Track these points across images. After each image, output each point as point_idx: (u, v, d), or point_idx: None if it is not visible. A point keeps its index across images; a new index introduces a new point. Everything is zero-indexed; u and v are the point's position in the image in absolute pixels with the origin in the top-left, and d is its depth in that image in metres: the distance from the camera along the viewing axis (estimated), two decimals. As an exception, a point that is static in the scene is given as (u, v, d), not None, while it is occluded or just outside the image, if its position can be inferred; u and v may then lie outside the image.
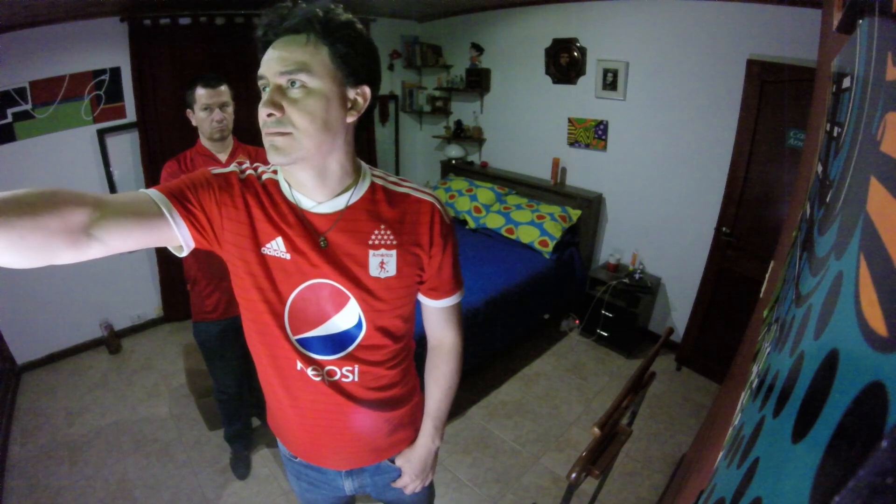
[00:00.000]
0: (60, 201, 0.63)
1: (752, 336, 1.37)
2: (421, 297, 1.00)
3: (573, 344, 3.30)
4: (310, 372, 0.91)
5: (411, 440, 1.09)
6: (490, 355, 2.93)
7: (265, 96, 0.74)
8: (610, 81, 3.03)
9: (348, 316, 0.89)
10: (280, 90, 0.74)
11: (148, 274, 3.33)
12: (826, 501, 0.21)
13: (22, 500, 2.09)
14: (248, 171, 0.88)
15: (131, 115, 2.97)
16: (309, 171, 0.81)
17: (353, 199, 0.86)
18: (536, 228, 3.24)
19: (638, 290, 3.01)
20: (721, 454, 0.76)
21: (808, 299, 0.50)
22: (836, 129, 0.67)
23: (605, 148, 3.23)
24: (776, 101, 2.35)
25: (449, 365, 1.05)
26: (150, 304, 3.41)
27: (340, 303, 0.88)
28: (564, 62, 3.26)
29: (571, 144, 3.40)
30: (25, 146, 2.67)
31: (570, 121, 3.35)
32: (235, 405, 2.17)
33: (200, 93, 1.69)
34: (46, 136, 2.72)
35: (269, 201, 0.85)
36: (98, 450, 2.36)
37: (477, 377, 2.89)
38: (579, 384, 2.90)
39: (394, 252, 0.87)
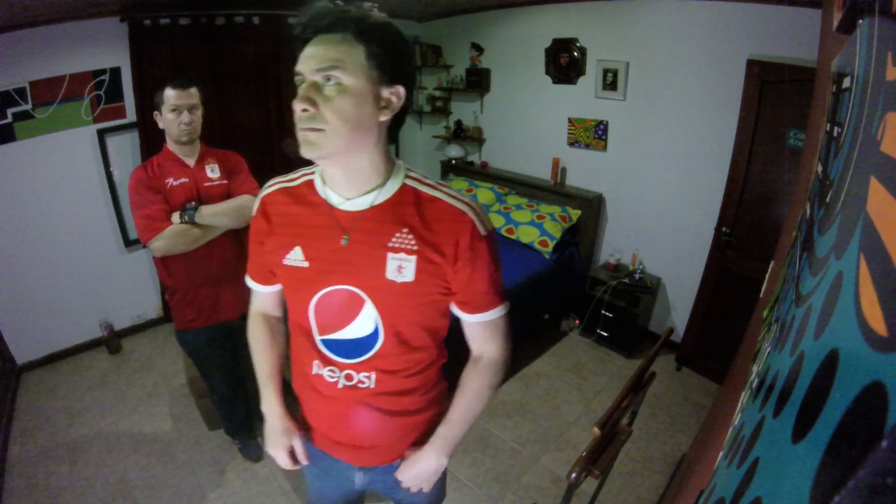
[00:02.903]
0: (280, 331, 1.10)
1: (752, 336, 1.37)
2: (454, 309, 0.95)
3: (573, 344, 3.30)
4: (326, 372, 0.94)
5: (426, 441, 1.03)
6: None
7: (300, 92, 0.76)
8: (610, 81, 3.03)
9: (365, 321, 0.89)
10: (315, 87, 0.76)
11: (148, 274, 3.33)
12: (826, 501, 0.21)
13: (22, 500, 2.09)
14: (271, 187, 0.96)
15: (131, 115, 2.97)
16: (339, 167, 0.84)
17: (380, 199, 0.85)
18: (536, 228, 3.24)
19: (638, 290, 3.01)
20: (721, 454, 0.76)
21: (808, 299, 0.50)
22: (836, 129, 0.67)
23: (605, 148, 3.23)
24: (776, 101, 2.35)
25: (481, 379, 0.98)
26: (150, 304, 3.41)
27: (356, 308, 0.88)
28: (564, 62, 3.26)
29: (571, 144, 3.40)
30: (25, 146, 2.67)
31: (570, 121, 3.35)
32: (231, 406, 2.18)
33: (170, 94, 1.64)
34: (46, 136, 2.72)
35: (294, 202, 0.91)
36: (98, 450, 2.36)
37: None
38: (579, 384, 2.90)
39: (413, 258, 0.84)
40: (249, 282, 1.05)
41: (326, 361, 0.93)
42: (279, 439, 1.03)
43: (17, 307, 2.85)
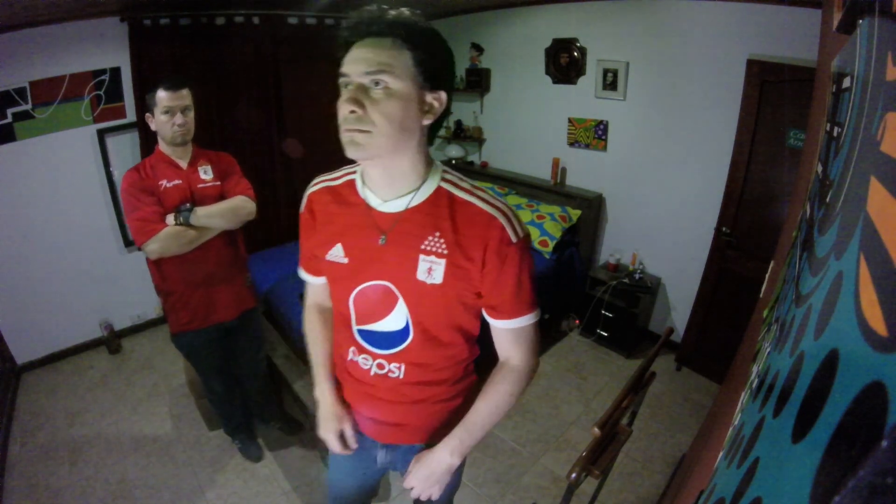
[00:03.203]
0: (329, 319, 1.13)
1: (752, 336, 1.37)
2: (484, 314, 0.97)
3: (573, 344, 3.30)
4: (361, 359, 1.01)
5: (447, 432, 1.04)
6: (490, 355, 2.92)
7: (347, 94, 0.78)
8: (610, 81, 3.03)
9: (398, 317, 0.94)
10: (363, 89, 0.77)
11: (148, 274, 3.32)
12: (826, 501, 0.21)
13: (22, 500, 2.09)
14: (317, 185, 1.00)
15: (131, 116, 2.97)
16: (381, 168, 0.86)
17: (415, 202, 0.88)
18: (536, 228, 3.24)
19: (638, 290, 3.01)
20: (721, 454, 0.76)
21: (808, 299, 0.50)
22: (836, 129, 0.67)
23: (605, 148, 3.22)
24: (776, 101, 2.35)
25: (502, 385, 0.98)
26: (150, 304, 3.41)
27: (391, 303, 0.93)
28: (564, 62, 3.25)
29: (571, 144, 3.40)
30: (25, 146, 2.67)
31: (570, 121, 3.35)
32: (227, 405, 2.19)
33: (162, 95, 1.63)
34: (46, 137, 2.72)
35: (336, 200, 0.95)
36: (98, 450, 2.36)
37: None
38: (579, 384, 2.90)
39: (443, 261, 0.87)
40: (302, 273, 1.12)
41: (361, 350, 1.00)
42: (331, 424, 1.09)
43: (17, 307, 2.85)
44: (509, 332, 0.96)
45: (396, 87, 0.77)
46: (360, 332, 0.98)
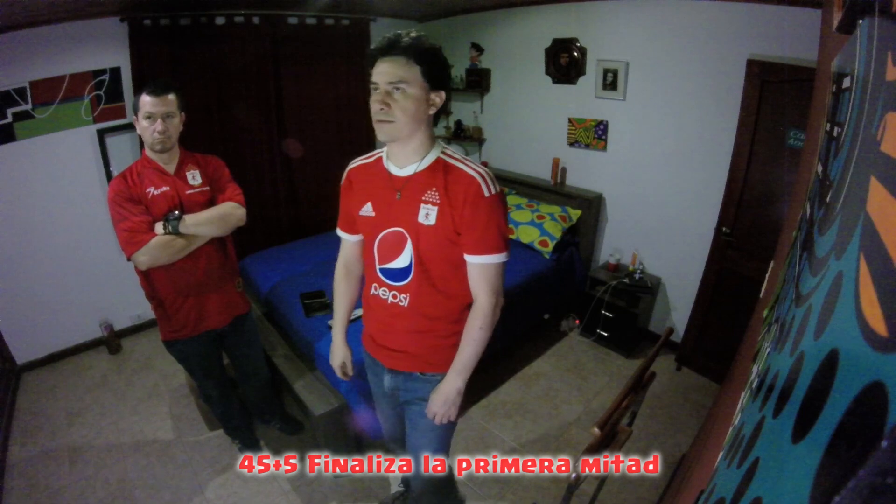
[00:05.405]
0: (356, 276, 1.51)
1: (752, 336, 1.37)
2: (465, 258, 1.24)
3: (573, 344, 3.30)
4: (381, 292, 1.33)
5: (442, 368, 1.34)
6: (490, 355, 2.92)
7: (377, 96, 1.12)
8: (610, 81, 3.03)
9: (406, 255, 1.25)
10: (388, 92, 1.12)
11: (148, 274, 3.33)
12: (826, 501, 0.21)
13: (22, 500, 2.09)
14: (354, 164, 1.37)
15: (131, 116, 2.96)
16: (400, 145, 1.20)
17: (420, 168, 1.22)
18: (536, 228, 3.24)
19: (638, 290, 3.01)
20: (721, 454, 0.76)
21: (808, 299, 0.50)
22: (836, 129, 0.67)
23: (605, 148, 3.22)
24: (776, 101, 2.35)
25: (474, 321, 1.26)
26: (149, 304, 3.40)
27: (401, 244, 1.25)
28: (564, 62, 3.26)
29: (571, 144, 3.40)
30: (25, 146, 2.67)
31: (570, 121, 3.35)
32: (224, 408, 2.19)
33: (145, 100, 1.58)
34: (46, 136, 2.72)
35: (368, 173, 1.31)
36: (98, 450, 2.37)
37: (477, 377, 2.86)
38: (579, 384, 2.90)
39: (436, 208, 1.19)
40: (339, 232, 1.46)
41: (381, 284, 1.32)
42: (337, 358, 1.56)
43: (17, 307, 2.85)
44: (476, 268, 1.23)
45: (410, 91, 1.11)
46: (381, 270, 1.30)
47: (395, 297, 1.30)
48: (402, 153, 1.22)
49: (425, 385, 1.39)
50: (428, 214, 1.19)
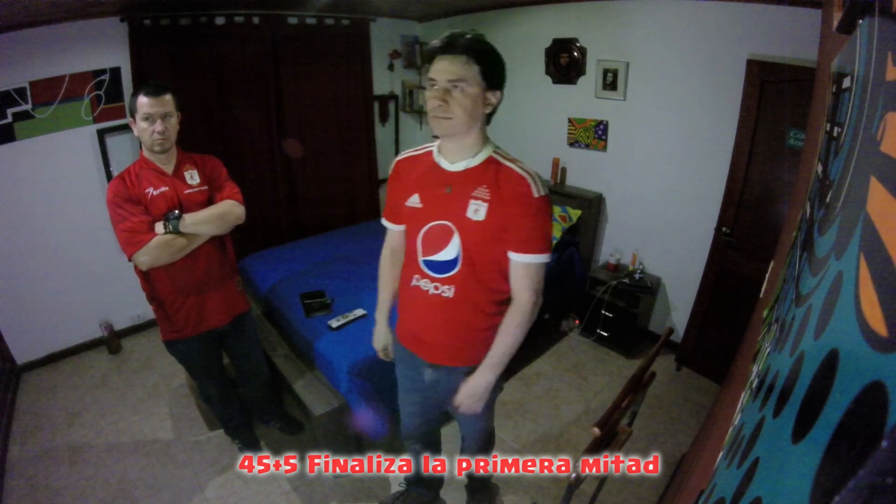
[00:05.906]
0: (401, 264, 1.48)
1: (752, 336, 1.37)
2: (509, 255, 1.26)
3: (573, 344, 3.30)
4: (423, 283, 1.35)
5: (480, 361, 1.35)
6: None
7: (435, 92, 1.15)
8: (610, 81, 3.03)
9: (453, 248, 1.28)
10: (447, 90, 1.14)
11: (148, 274, 3.33)
12: (826, 501, 0.21)
13: (22, 500, 2.09)
14: (402, 156, 1.40)
15: (127, 118, 2.96)
16: (455, 141, 1.24)
17: (471, 165, 1.25)
18: (536, 228, 3.24)
19: (638, 290, 3.01)
20: (721, 454, 0.76)
21: (808, 299, 0.50)
22: (836, 129, 0.67)
23: (605, 148, 3.22)
24: (776, 101, 2.35)
25: (511, 318, 1.30)
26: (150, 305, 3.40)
27: (448, 237, 1.27)
28: (564, 62, 3.25)
29: (571, 144, 3.40)
30: (25, 146, 2.66)
31: (570, 121, 3.35)
32: (224, 408, 2.19)
33: (142, 101, 1.59)
34: (46, 136, 2.72)
35: (417, 165, 1.34)
36: (98, 450, 2.36)
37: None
38: (579, 384, 2.90)
39: (486, 204, 1.22)
40: (384, 221, 1.50)
41: (423, 275, 1.34)
42: (380, 342, 1.62)
43: (17, 307, 2.85)
44: (520, 267, 1.25)
45: (469, 90, 1.14)
46: (424, 262, 1.32)
47: (436, 288, 1.32)
48: (455, 149, 1.25)
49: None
50: (477, 210, 1.22)
